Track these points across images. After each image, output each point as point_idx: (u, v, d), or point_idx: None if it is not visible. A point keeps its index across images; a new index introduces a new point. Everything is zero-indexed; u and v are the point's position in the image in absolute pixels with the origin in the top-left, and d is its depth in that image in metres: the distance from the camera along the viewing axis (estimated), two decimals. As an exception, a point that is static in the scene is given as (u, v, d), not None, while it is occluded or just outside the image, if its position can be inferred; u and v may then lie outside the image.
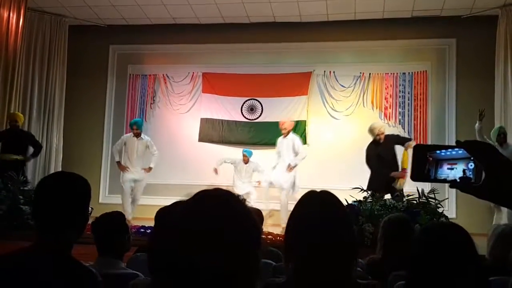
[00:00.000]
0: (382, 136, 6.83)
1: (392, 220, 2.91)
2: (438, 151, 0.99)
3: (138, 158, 7.80)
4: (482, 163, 0.93)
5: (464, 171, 0.96)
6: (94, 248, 2.61)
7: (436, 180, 0.99)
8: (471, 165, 0.95)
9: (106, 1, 8.54)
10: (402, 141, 7.00)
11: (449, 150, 0.98)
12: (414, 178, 1.00)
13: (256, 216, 0.91)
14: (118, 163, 7.89)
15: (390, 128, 8.12)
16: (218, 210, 0.86)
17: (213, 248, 0.82)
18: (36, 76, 8.91)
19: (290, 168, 7.54)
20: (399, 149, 6.89)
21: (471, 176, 0.95)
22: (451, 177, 0.97)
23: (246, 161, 8.19)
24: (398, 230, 2.82)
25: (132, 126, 7.88)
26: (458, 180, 0.96)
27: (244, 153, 8.22)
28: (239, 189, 7.72)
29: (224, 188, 0.93)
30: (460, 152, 0.96)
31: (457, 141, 0.96)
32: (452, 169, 0.97)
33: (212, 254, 0.81)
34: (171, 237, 0.86)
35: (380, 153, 6.73)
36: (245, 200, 0.92)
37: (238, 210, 0.88)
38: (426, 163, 0.99)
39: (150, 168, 7.81)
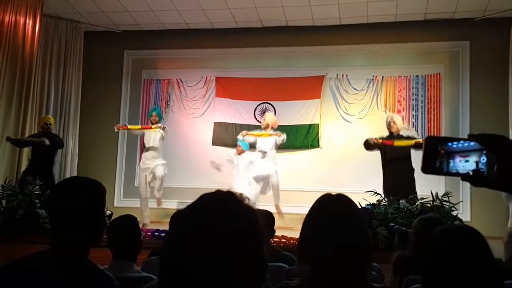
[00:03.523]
0: (394, 126, 6.67)
1: (424, 220, 2.90)
2: (449, 144, 0.97)
3: (154, 148, 7.67)
4: (494, 153, 0.91)
5: (477, 163, 0.94)
6: (108, 251, 2.64)
7: (448, 173, 0.97)
8: (483, 158, 0.93)
9: (121, 7, 8.63)
10: (413, 137, 6.87)
11: (461, 142, 0.96)
12: (425, 170, 0.99)
13: (261, 218, 0.91)
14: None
15: (404, 131, 8.04)
16: (214, 212, 0.87)
17: (211, 250, 0.82)
18: (52, 82, 9.01)
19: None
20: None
21: (484, 168, 0.93)
22: (463, 170, 0.95)
23: (239, 151, 7.80)
24: (430, 229, 2.81)
25: (152, 113, 7.84)
26: (471, 173, 0.94)
27: (239, 143, 7.85)
28: (237, 187, 7.39)
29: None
30: (473, 144, 0.95)
31: (469, 135, 0.95)
32: (464, 161, 0.96)
33: (210, 257, 0.82)
34: (172, 240, 0.88)
35: (392, 149, 6.53)
36: (247, 200, 0.92)
37: (236, 211, 0.89)
38: (437, 156, 0.98)
39: (163, 127, 7.66)
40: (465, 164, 0.95)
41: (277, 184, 7.75)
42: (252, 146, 7.84)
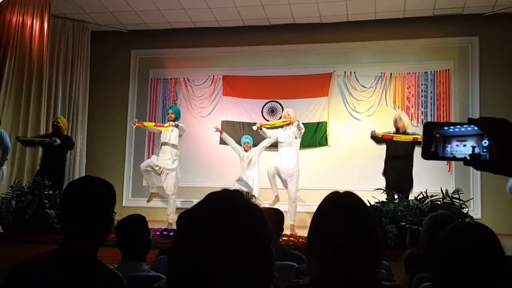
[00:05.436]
0: (400, 122, 6.74)
1: (435, 217, 2.88)
2: (446, 128, 0.96)
3: (171, 144, 7.42)
4: (494, 138, 0.90)
5: (473, 148, 0.93)
6: (117, 251, 2.64)
7: (444, 158, 0.96)
8: (485, 142, 0.92)
9: (128, 6, 8.65)
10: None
11: (458, 126, 0.95)
12: (424, 156, 0.98)
13: (269, 216, 0.91)
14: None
15: (413, 128, 8.00)
16: (222, 212, 0.86)
17: (219, 250, 0.82)
18: (60, 82, 9.04)
19: None
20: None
21: (485, 152, 0.92)
22: (460, 154, 0.94)
23: (247, 148, 7.80)
24: (442, 226, 2.79)
25: (168, 110, 7.64)
26: (468, 158, 0.93)
27: (246, 139, 7.83)
28: (241, 184, 7.46)
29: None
30: (470, 128, 0.93)
31: (469, 119, 0.93)
32: (462, 146, 0.94)
33: (219, 257, 0.82)
34: (180, 240, 0.87)
35: (396, 144, 6.63)
36: (254, 198, 0.91)
37: (243, 210, 0.88)
38: (433, 140, 0.96)
39: (177, 125, 7.31)
40: (463, 149, 0.94)
41: (293, 196, 7.16)
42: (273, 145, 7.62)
